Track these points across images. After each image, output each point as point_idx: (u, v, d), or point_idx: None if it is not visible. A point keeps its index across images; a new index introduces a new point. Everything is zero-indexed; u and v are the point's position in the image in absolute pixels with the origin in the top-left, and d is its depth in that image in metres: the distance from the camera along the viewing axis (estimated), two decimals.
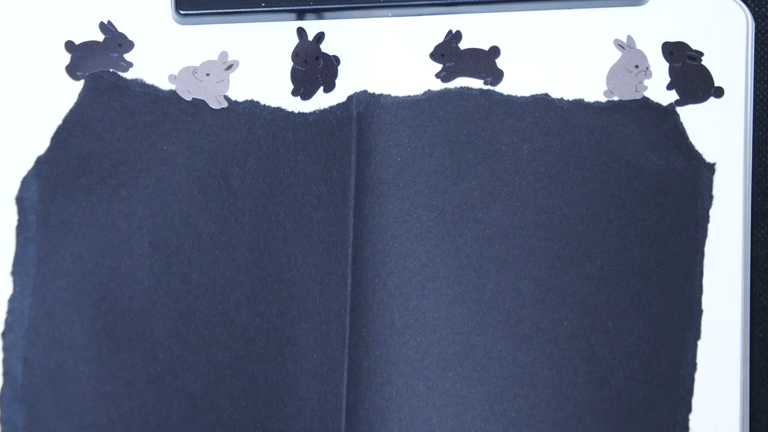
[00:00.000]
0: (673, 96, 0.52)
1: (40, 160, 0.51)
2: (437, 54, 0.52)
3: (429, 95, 0.52)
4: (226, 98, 0.51)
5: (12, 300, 0.50)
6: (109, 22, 0.52)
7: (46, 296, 0.50)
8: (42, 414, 0.49)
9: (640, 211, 0.51)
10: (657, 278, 0.50)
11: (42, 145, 0.51)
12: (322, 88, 0.52)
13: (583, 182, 0.51)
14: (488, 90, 0.52)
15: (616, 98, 0.52)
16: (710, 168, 0.51)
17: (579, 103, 0.52)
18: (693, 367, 0.50)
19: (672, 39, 0.52)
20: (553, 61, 0.52)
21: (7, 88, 0.51)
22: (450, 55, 0.52)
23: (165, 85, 0.51)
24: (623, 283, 0.50)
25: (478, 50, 0.52)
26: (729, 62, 0.52)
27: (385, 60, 0.52)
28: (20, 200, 0.50)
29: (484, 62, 0.52)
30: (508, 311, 0.50)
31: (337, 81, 0.52)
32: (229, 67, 0.52)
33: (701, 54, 0.52)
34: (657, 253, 0.51)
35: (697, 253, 0.51)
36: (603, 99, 0.52)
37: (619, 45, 0.52)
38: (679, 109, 0.52)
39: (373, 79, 0.52)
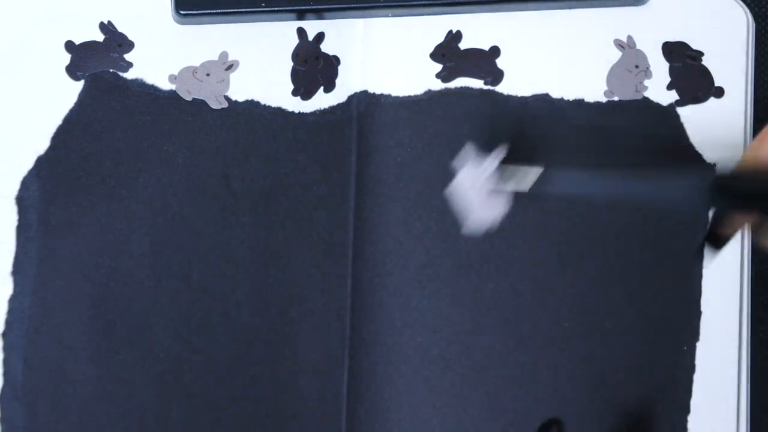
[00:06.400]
0: (673, 96, 0.52)
1: (40, 160, 0.51)
2: (437, 54, 0.52)
3: (429, 95, 0.52)
4: (227, 98, 0.51)
5: (12, 300, 0.50)
6: (109, 22, 0.52)
7: (46, 296, 0.50)
8: (42, 413, 0.49)
9: (639, 211, 0.50)
10: (656, 279, 0.50)
11: (42, 145, 0.51)
12: (322, 88, 0.52)
13: None
14: (488, 90, 0.52)
15: (616, 98, 0.52)
16: (710, 168, 0.51)
17: (579, 103, 0.52)
18: (692, 368, 0.50)
19: (672, 39, 0.52)
20: (554, 61, 0.52)
21: (7, 88, 0.51)
22: (450, 55, 0.52)
23: (165, 85, 0.51)
24: (622, 284, 0.50)
25: (478, 50, 0.52)
26: (729, 62, 0.52)
27: (385, 60, 0.52)
28: (21, 200, 0.51)
29: (485, 62, 0.52)
30: (507, 312, 0.50)
31: (337, 81, 0.52)
32: (230, 67, 0.52)
33: (701, 54, 0.52)
34: (656, 254, 0.50)
35: (695, 254, 0.51)
36: (603, 99, 0.52)
37: (620, 45, 0.52)
38: (679, 110, 0.52)
39: (373, 79, 0.52)
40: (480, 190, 0.45)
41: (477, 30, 0.52)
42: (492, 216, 0.46)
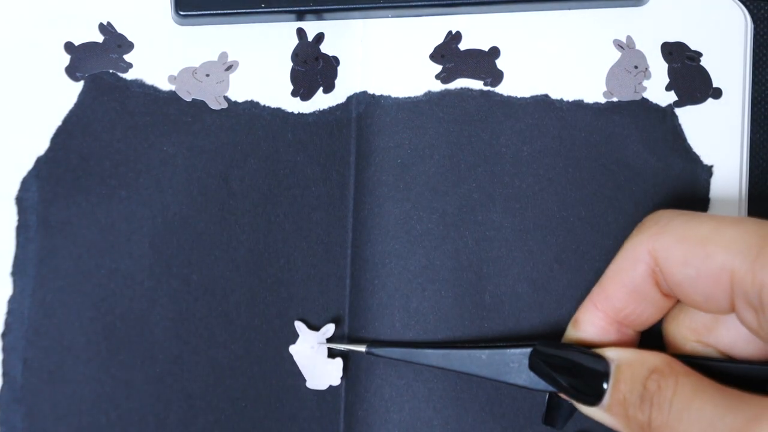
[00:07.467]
0: (671, 97, 0.52)
1: (40, 161, 0.51)
2: (437, 55, 0.52)
3: (429, 96, 0.52)
4: (226, 99, 0.52)
5: (12, 300, 0.50)
6: (108, 23, 0.52)
7: (45, 297, 0.50)
8: (41, 415, 0.49)
9: (637, 213, 0.51)
10: None
11: (42, 145, 0.51)
12: (321, 88, 0.52)
13: (582, 184, 0.51)
14: (488, 91, 0.52)
15: (615, 99, 0.52)
16: (707, 170, 0.51)
17: (578, 104, 0.52)
18: None
19: (671, 39, 0.52)
20: (553, 62, 0.52)
21: (7, 88, 0.51)
22: (450, 56, 0.52)
23: (165, 86, 0.51)
24: None
25: (477, 51, 0.52)
26: (727, 63, 0.52)
27: (385, 61, 0.52)
28: (20, 201, 0.51)
29: (484, 63, 0.52)
30: (507, 314, 0.50)
31: (337, 82, 0.52)
32: (229, 68, 0.52)
33: (700, 54, 0.52)
34: None
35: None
36: (602, 100, 0.52)
37: (619, 45, 0.52)
38: (677, 111, 0.52)
39: (373, 80, 0.52)
40: (315, 357, 0.50)
41: (476, 31, 0.52)
42: (329, 379, 0.50)
